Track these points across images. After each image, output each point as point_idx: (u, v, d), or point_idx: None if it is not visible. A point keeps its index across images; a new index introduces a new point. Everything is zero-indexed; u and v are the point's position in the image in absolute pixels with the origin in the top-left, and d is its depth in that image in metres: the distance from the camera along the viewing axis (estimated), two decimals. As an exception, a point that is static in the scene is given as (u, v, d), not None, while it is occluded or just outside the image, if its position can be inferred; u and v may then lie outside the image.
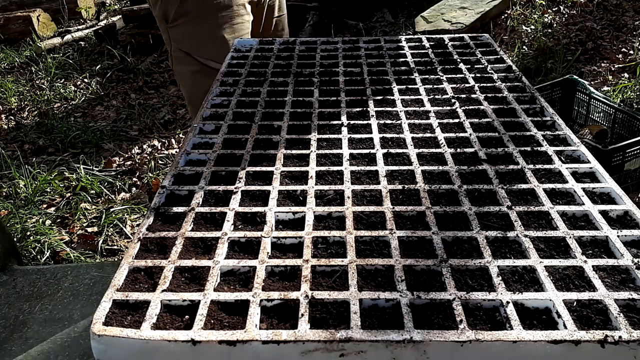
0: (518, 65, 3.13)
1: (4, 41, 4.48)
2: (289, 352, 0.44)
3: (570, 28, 3.50)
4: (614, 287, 0.50)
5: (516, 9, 3.77)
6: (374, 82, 0.92)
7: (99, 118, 3.26)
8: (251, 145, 0.74)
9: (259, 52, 1.06)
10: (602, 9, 3.69)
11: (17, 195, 2.36)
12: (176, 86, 3.64)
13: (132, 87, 3.65)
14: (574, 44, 3.33)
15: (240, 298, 0.49)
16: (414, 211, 0.60)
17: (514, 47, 3.34)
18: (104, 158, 2.72)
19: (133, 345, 0.45)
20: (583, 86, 2.43)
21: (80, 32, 4.52)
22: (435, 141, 0.74)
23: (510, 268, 0.52)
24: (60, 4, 4.89)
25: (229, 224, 0.59)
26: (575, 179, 0.66)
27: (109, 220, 2.14)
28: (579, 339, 0.44)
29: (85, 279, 1.63)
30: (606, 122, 2.34)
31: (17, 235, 2.04)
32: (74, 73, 3.86)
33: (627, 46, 3.26)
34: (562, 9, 3.78)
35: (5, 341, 1.41)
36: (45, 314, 1.49)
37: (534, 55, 3.26)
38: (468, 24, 3.48)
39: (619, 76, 3.00)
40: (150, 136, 2.98)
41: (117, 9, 5.16)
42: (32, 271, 1.68)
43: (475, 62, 0.99)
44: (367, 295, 0.49)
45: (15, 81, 3.77)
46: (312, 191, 0.64)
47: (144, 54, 4.05)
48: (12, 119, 3.31)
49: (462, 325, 0.45)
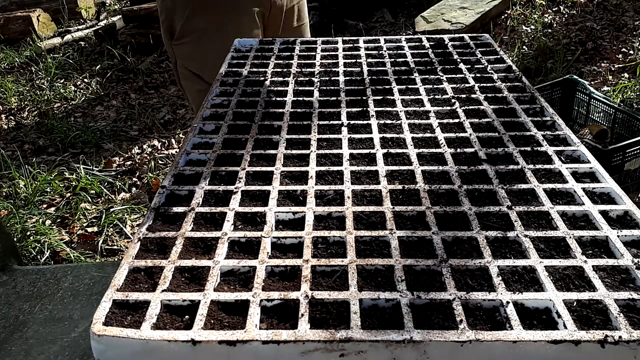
0: (518, 65, 3.13)
1: (4, 41, 4.48)
2: (289, 352, 0.44)
3: (570, 28, 3.50)
4: (614, 287, 0.50)
5: (516, 9, 3.77)
6: (374, 82, 0.92)
7: (99, 118, 3.26)
8: (251, 145, 0.74)
9: (259, 52, 1.06)
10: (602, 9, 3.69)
11: (17, 195, 2.36)
12: (176, 86, 3.64)
13: (132, 87, 3.65)
14: (574, 44, 3.33)
15: (240, 298, 0.49)
16: (414, 211, 0.60)
17: (514, 47, 3.34)
18: (104, 158, 2.72)
19: (133, 345, 0.45)
20: (583, 86, 2.43)
21: (80, 32, 4.52)
22: (435, 141, 0.74)
23: (510, 268, 0.52)
24: (60, 4, 4.89)
25: (229, 224, 0.59)
26: (575, 179, 0.66)
27: (109, 220, 2.14)
28: (579, 339, 0.44)
29: (85, 279, 1.63)
30: (606, 122, 2.34)
31: (17, 235, 2.04)
32: (74, 73, 3.86)
33: (627, 46, 3.26)
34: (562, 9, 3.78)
35: (5, 341, 1.41)
36: (45, 314, 1.49)
37: (534, 55, 3.26)
38: (468, 24, 3.48)
39: (619, 76, 3.00)
40: (150, 136, 2.98)
41: (117, 9, 5.16)
42: (32, 271, 1.68)
43: (475, 62, 0.99)
44: (367, 295, 0.49)
45: (15, 81, 3.77)
46: (312, 191, 0.64)
47: (144, 54, 4.05)
48: (12, 119, 3.30)
49: (462, 325, 0.45)
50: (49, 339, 1.40)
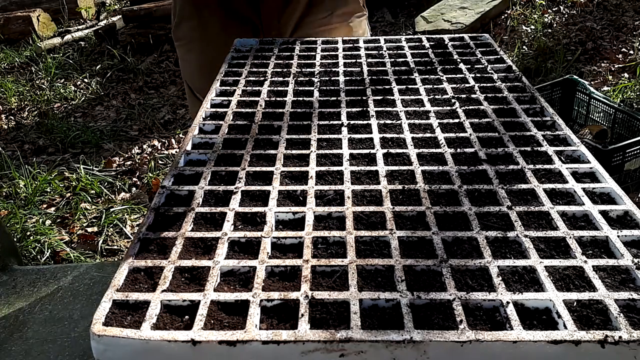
0: (518, 65, 3.13)
1: (4, 41, 4.48)
2: (289, 352, 0.44)
3: (570, 28, 3.50)
4: (614, 287, 0.50)
5: (516, 9, 3.77)
6: (374, 82, 0.92)
7: (99, 118, 3.26)
8: (251, 145, 0.74)
9: (259, 52, 1.06)
10: (602, 9, 3.69)
11: (17, 195, 2.36)
12: (176, 86, 3.63)
13: (132, 87, 3.65)
14: (574, 44, 3.33)
15: (240, 298, 0.49)
16: (414, 211, 0.60)
17: (514, 47, 3.34)
18: (104, 158, 2.72)
19: (133, 345, 0.45)
20: (583, 86, 2.43)
21: (80, 32, 4.52)
22: (435, 141, 0.74)
23: (510, 268, 0.52)
24: (60, 4, 4.89)
25: (229, 224, 0.59)
26: (575, 179, 0.66)
27: (109, 220, 2.14)
28: (579, 339, 0.44)
29: (85, 279, 1.63)
30: (606, 122, 2.34)
31: (17, 235, 2.04)
32: (74, 73, 3.86)
33: (627, 46, 3.26)
34: (562, 9, 3.78)
35: (5, 341, 1.41)
36: (45, 314, 1.50)
37: (534, 55, 3.26)
38: (468, 24, 3.49)
39: (619, 76, 3.00)
40: (150, 136, 2.98)
41: (117, 9, 5.16)
42: (32, 271, 1.68)
43: (475, 62, 0.99)
44: (367, 296, 0.49)
45: (15, 81, 3.77)
46: (312, 191, 0.64)
47: (144, 54, 4.05)
48: (12, 119, 3.30)
49: (462, 325, 0.45)
50: (49, 339, 1.41)
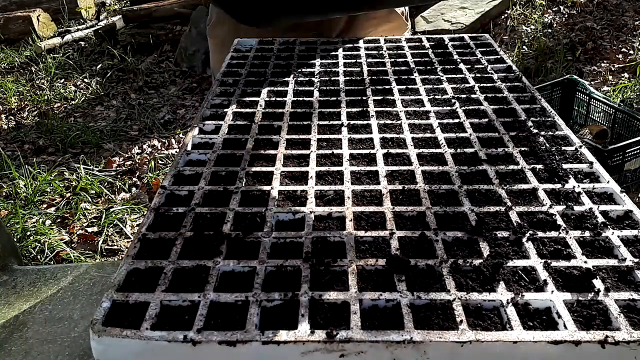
0: (518, 65, 3.13)
1: (4, 41, 4.48)
2: (289, 352, 0.44)
3: (570, 28, 3.50)
4: (614, 287, 0.50)
5: (516, 9, 3.77)
6: (374, 82, 0.92)
7: (99, 118, 3.26)
8: (251, 145, 0.74)
9: (259, 52, 1.06)
10: (602, 9, 3.69)
11: (17, 195, 2.36)
12: (176, 86, 3.63)
13: (132, 87, 3.65)
14: (574, 44, 3.33)
15: (240, 298, 0.49)
16: (414, 211, 0.60)
17: (514, 47, 3.34)
18: (104, 158, 2.72)
19: (133, 345, 0.45)
20: (583, 86, 2.43)
21: (80, 32, 4.52)
22: (435, 141, 0.74)
23: (510, 268, 0.52)
24: (60, 4, 4.89)
25: (229, 224, 0.59)
26: (575, 179, 0.66)
27: (109, 220, 2.14)
28: (579, 339, 0.44)
29: (85, 279, 1.63)
30: (606, 122, 2.34)
31: (17, 235, 2.04)
32: (74, 73, 3.86)
33: (627, 46, 3.26)
34: (562, 9, 3.78)
35: (5, 341, 1.41)
36: (45, 314, 1.49)
37: (534, 55, 3.26)
38: (468, 24, 3.49)
39: (619, 76, 3.00)
40: (150, 136, 2.98)
41: (117, 9, 5.16)
42: (32, 271, 1.68)
43: (475, 62, 0.99)
44: (367, 296, 0.49)
45: (15, 81, 3.77)
46: (312, 191, 0.64)
47: (144, 54, 4.05)
48: (12, 119, 3.30)
49: (462, 325, 0.45)
50: (49, 339, 1.40)
